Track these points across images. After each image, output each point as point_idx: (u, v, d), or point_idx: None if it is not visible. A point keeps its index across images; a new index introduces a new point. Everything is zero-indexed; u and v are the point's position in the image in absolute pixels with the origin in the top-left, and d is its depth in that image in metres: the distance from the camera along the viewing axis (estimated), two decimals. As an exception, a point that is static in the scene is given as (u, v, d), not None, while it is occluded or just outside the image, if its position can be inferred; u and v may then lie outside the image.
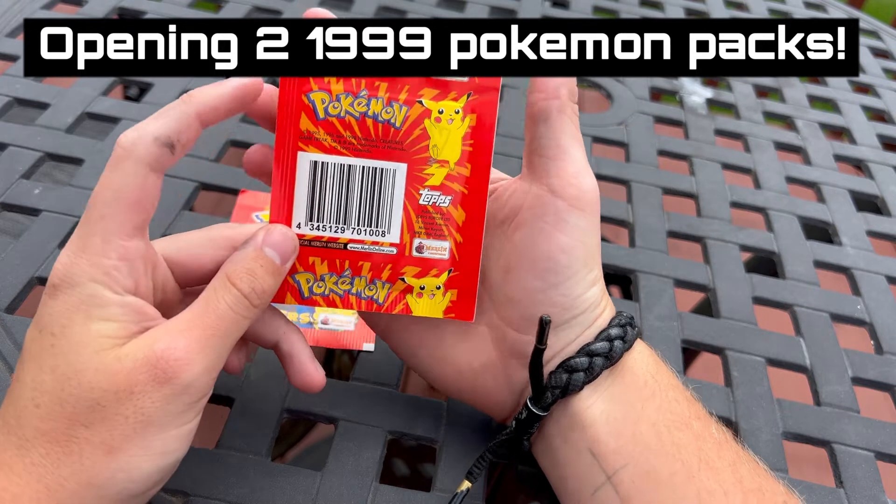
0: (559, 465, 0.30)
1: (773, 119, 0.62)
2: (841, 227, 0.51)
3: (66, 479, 0.24)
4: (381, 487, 0.31)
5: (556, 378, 0.29)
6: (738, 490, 0.26)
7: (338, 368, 0.93)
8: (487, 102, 0.30)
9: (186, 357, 0.25)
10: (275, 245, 0.28)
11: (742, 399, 0.38)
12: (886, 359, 0.42)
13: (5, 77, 0.50)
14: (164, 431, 0.25)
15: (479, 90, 0.29)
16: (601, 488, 0.28)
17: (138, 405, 0.24)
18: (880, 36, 0.79)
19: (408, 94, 0.29)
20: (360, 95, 0.29)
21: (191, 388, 0.25)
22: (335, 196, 0.29)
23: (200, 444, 0.32)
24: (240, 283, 0.27)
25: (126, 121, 0.48)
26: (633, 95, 0.61)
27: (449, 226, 0.30)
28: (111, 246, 0.25)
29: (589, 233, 0.29)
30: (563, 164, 0.29)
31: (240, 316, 0.27)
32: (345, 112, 0.29)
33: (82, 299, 0.25)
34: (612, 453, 0.28)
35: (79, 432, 0.24)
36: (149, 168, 0.26)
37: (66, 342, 0.24)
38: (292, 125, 0.29)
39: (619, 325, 0.29)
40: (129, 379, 0.24)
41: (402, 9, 0.67)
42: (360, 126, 0.29)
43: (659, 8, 0.76)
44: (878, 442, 0.37)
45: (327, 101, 0.29)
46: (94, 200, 0.25)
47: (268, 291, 0.28)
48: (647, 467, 0.27)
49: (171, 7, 0.61)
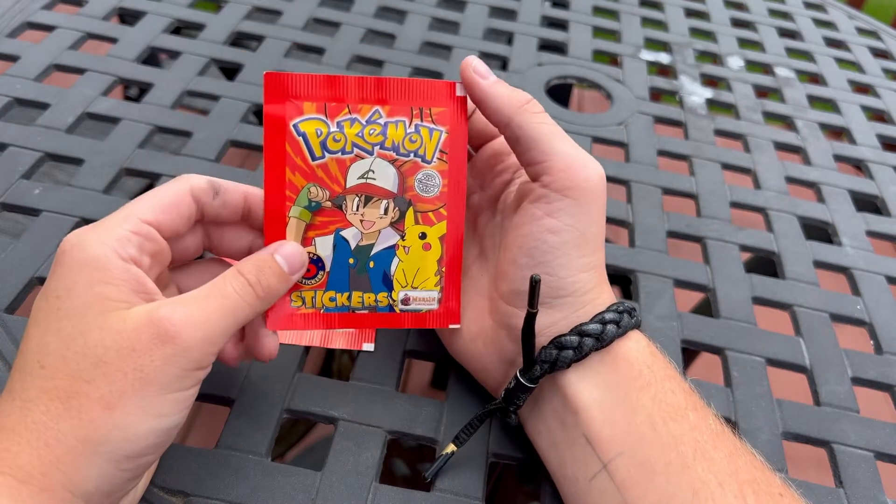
0: (557, 448, 0.30)
1: (772, 119, 0.62)
2: (841, 227, 0.51)
3: (65, 435, 0.24)
4: (380, 487, 0.31)
5: (546, 353, 0.30)
6: (733, 481, 0.27)
7: (338, 368, 0.93)
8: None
9: (188, 322, 0.26)
10: (286, 255, 0.30)
11: (742, 399, 0.38)
12: (886, 359, 0.42)
13: (5, 77, 0.50)
14: (162, 393, 0.25)
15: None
16: (597, 475, 0.28)
17: (138, 363, 0.25)
18: (880, 36, 0.79)
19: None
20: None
21: (190, 352, 0.26)
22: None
23: (200, 444, 0.32)
24: (248, 273, 0.28)
25: (126, 121, 0.48)
26: (633, 95, 0.61)
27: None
28: (129, 221, 0.27)
29: (582, 219, 0.30)
30: (548, 165, 0.30)
31: (243, 301, 0.28)
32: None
33: (88, 261, 0.26)
34: (607, 441, 0.28)
35: (80, 387, 0.24)
36: (191, 191, 0.29)
37: (71, 304, 0.25)
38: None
39: (616, 311, 0.30)
40: (132, 337, 0.25)
41: (403, 9, 0.67)
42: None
43: (659, 8, 0.76)
44: (877, 442, 0.37)
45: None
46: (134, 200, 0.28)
47: (272, 289, 0.29)
48: (642, 457, 0.27)
49: (172, 7, 0.61)
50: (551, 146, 0.30)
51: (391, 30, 0.64)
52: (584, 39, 0.68)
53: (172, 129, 0.49)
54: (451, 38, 0.64)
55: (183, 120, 0.49)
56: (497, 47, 0.64)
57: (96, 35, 0.56)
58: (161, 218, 0.28)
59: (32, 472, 0.23)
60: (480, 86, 0.31)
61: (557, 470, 0.31)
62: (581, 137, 0.55)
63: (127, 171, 0.45)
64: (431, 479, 0.31)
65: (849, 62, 0.73)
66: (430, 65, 0.59)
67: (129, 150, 0.46)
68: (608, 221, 0.48)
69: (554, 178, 0.30)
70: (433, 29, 0.65)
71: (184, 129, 0.49)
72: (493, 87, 0.31)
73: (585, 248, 0.30)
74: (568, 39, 0.67)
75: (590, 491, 0.28)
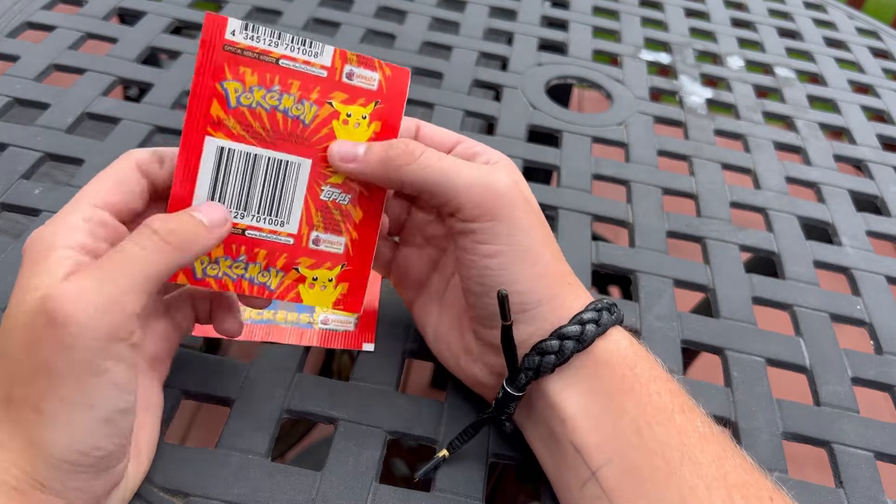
0: (551, 454, 0.30)
1: (772, 119, 0.62)
2: (841, 227, 0.51)
3: (9, 440, 0.24)
4: (380, 487, 0.31)
5: (528, 360, 0.30)
6: (721, 485, 0.26)
7: (338, 368, 0.93)
8: (393, 111, 0.31)
9: (76, 297, 0.23)
10: (204, 210, 0.29)
11: (742, 399, 0.38)
12: (886, 359, 0.42)
13: (5, 77, 0.50)
14: (80, 383, 0.24)
15: (387, 100, 0.31)
16: (588, 483, 0.28)
17: (41, 356, 0.23)
18: (880, 36, 0.79)
19: (319, 94, 0.30)
20: (273, 90, 0.30)
21: (87, 329, 0.23)
22: (238, 183, 0.30)
23: (200, 444, 0.32)
24: (152, 223, 0.27)
25: (126, 121, 0.48)
26: (633, 95, 0.61)
27: (346, 222, 0.32)
28: (80, 209, 0.27)
29: (512, 233, 0.30)
30: (454, 201, 0.30)
31: (150, 253, 0.26)
32: (256, 103, 0.30)
33: (31, 255, 0.25)
34: (594, 448, 0.28)
35: (14, 391, 0.24)
36: (137, 166, 0.28)
37: (12, 301, 0.25)
38: (203, 110, 0.29)
39: (595, 310, 0.30)
40: (30, 328, 0.24)
41: (403, 9, 0.67)
42: (270, 119, 0.30)
43: (659, 8, 0.76)
44: (877, 442, 0.37)
45: (240, 90, 0.30)
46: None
47: (186, 234, 0.27)
48: (629, 464, 0.27)
49: (172, 7, 0.61)
50: (448, 182, 0.30)
51: (391, 30, 0.64)
52: (584, 39, 0.68)
53: (172, 129, 0.49)
54: (451, 38, 0.64)
55: (183, 120, 0.49)
56: (497, 47, 0.64)
57: (96, 35, 0.56)
58: (111, 199, 0.27)
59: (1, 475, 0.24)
60: (351, 169, 0.31)
61: (553, 475, 0.31)
62: (581, 137, 0.55)
63: (127, 171, 0.45)
64: (422, 480, 0.32)
65: (849, 62, 0.73)
66: (430, 65, 0.60)
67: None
68: (608, 221, 0.48)
69: (466, 212, 0.30)
70: (433, 29, 0.65)
71: (184, 129, 0.49)
72: (362, 163, 0.31)
73: (529, 258, 0.30)
74: (568, 39, 0.67)
75: (582, 497, 0.28)
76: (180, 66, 0.54)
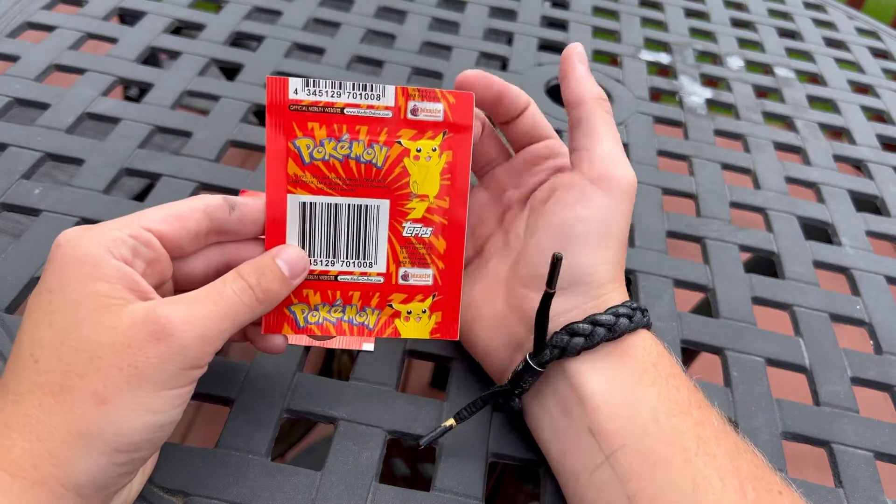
0: (559, 439, 0.30)
1: (772, 119, 0.62)
2: (840, 227, 0.52)
3: (57, 428, 0.24)
4: (380, 487, 0.31)
5: (557, 338, 0.30)
6: (734, 477, 0.27)
7: (338, 368, 0.93)
8: (462, 140, 0.32)
9: (184, 321, 0.26)
10: (287, 259, 0.30)
11: (741, 399, 0.38)
12: (886, 359, 0.42)
13: (5, 77, 0.50)
14: (156, 390, 0.25)
15: (454, 128, 0.32)
16: (599, 468, 0.28)
17: (133, 359, 0.25)
18: (880, 36, 0.79)
19: (387, 135, 0.31)
20: (343, 139, 0.31)
21: (185, 351, 0.25)
22: (324, 232, 0.31)
23: (200, 443, 0.32)
24: (247, 276, 0.29)
25: (126, 121, 0.48)
26: (633, 96, 0.61)
27: (431, 254, 0.33)
28: (129, 226, 0.27)
29: (610, 212, 0.32)
30: (592, 153, 0.33)
31: (242, 303, 0.28)
32: (329, 155, 0.31)
33: (80, 257, 0.26)
34: (610, 433, 0.28)
35: (73, 381, 0.24)
36: (205, 209, 0.29)
37: (63, 298, 0.25)
38: (281, 170, 0.31)
39: (630, 308, 0.31)
40: (128, 334, 0.25)
41: (403, 9, 0.67)
42: (344, 167, 0.31)
43: (659, 8, 0.76)
44: (877, 442, 0.37)
45: (312, 146, 0.31)
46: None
47: (272, 292, 0.29)
48: (645, 449, 0.28)
49: (172, 7, 0.61)
50: (602, 140, 0.33)
51: (391, 30, 0.64)
52: (583, 39, 0.68)
53: (172, 129, 0.49)
54: (451, 39, 0.64)
55: (183, 120, 0.49)
56: (497, 47, 0.64)
57: (96, 35, 0.56)
58: (164, 228, 0.28)
59: (24, 465, 0.23)
60: (576, 70, 0.34)
61: (558, 463, 0.31)
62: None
63: (127, 172, 0.45)
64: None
65: (848, 62, 0.73)
66: (430, 65, 0.60)
67: (129, 150, 0.46)
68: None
69: (591, 168, 0.32)
70: (433, 29, 0.65)
71: (184, 129, 0.49)
72: (586, 76, 0.35)
73: (608, 240, 0.32)
74: (568, 39, 0.67)
75: (590, 485, 0.29)
76: (180, 66, 0.54)
